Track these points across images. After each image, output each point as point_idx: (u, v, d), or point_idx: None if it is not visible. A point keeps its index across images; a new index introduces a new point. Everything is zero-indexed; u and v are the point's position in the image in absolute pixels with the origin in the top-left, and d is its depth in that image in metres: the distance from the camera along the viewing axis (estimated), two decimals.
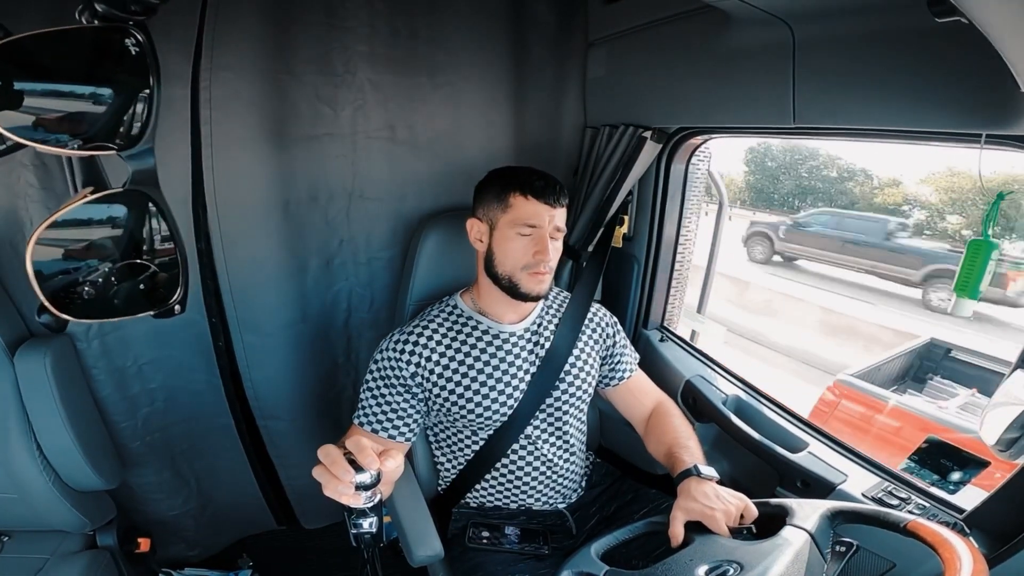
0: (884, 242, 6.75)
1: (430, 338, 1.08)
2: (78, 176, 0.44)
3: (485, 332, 1.11)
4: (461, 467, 1.16)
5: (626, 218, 1.50)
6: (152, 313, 0.48)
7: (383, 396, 1.06)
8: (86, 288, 0.43)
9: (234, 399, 1.49)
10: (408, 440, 1.08)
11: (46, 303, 0.41)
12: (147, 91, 0.41)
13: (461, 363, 1.07)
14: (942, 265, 6.03)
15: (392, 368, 1.06)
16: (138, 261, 0.46)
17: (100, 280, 0.44)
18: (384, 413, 1.06)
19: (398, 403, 1.06)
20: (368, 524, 0.67)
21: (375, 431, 1.05)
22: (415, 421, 1.08)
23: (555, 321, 1.17)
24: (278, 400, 1.50)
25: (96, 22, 0.38)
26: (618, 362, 1.23)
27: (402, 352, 1.06)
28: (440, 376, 1.06)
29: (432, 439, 1.20)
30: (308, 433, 1.55)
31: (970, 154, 0.82)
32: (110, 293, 0.45)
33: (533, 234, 1.03)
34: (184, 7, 1.13)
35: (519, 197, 1.03)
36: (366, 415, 1.06)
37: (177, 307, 0.48)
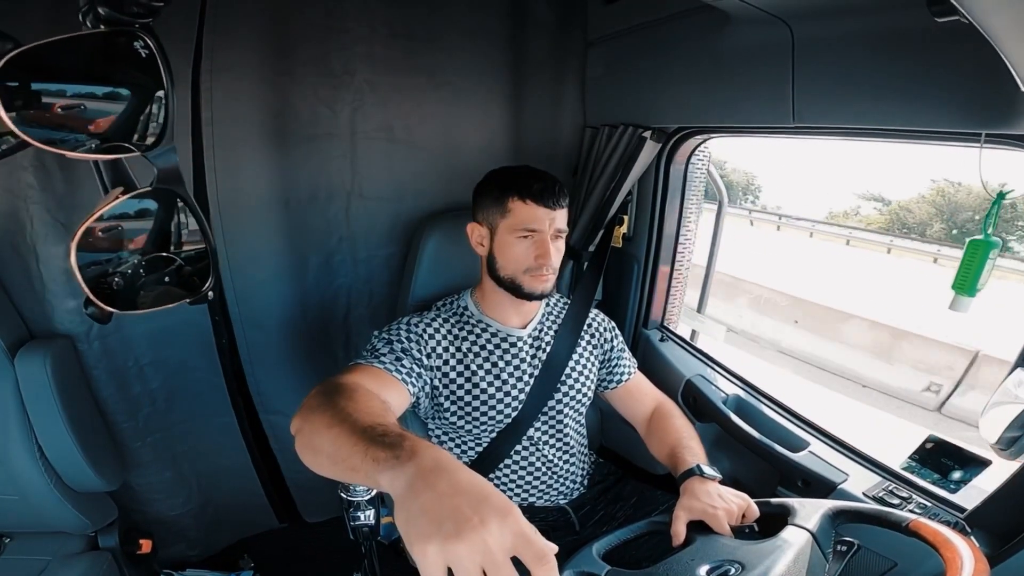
0: None
1: (438, 330, 1.07)
2: (107, 178, 0.46)
3: (493, 335, 1.11)
4: None
5: (626, 218, 1.50)
6: (188, 300, 0.51)
7: (391, 342, 1.01)
8: (127, 281, 0.46)
9: (236, 396, 1.51)
10: (403, 381, 0.96)
11: (92, 297, 0.44)
12: (163, 92, 0.43)
13: (467, 366, 1.07)
14: None
15: (408, 339, 1.02)
16: (171, 253, 0.49)
17: (139, 273, 0.47)
18: (392, 352, 0.99)
19: (409, 350, 1.01)
20: (366, 516, 0.68)
21: (370, 363, 0.95)
22: (416, 374, 1.00)
23: (555, 327, 1.17)
24: (281, 394, 1.52)
25: (100, 26, 0.38)
26: (615, 365, 1.23)
27: (422, 333, 1.04)
28: (446, 376, 1.06)
29: (434, 440, 1.20)
30: None
31: None
32: (149, 285, 0.48)
33: (533, 237, 1.03)
34: (184, 10, 1.14)
35: (518, 202, 1.03)
36: (368, 351, 1.00)
37: (210, 293, 0.51)
